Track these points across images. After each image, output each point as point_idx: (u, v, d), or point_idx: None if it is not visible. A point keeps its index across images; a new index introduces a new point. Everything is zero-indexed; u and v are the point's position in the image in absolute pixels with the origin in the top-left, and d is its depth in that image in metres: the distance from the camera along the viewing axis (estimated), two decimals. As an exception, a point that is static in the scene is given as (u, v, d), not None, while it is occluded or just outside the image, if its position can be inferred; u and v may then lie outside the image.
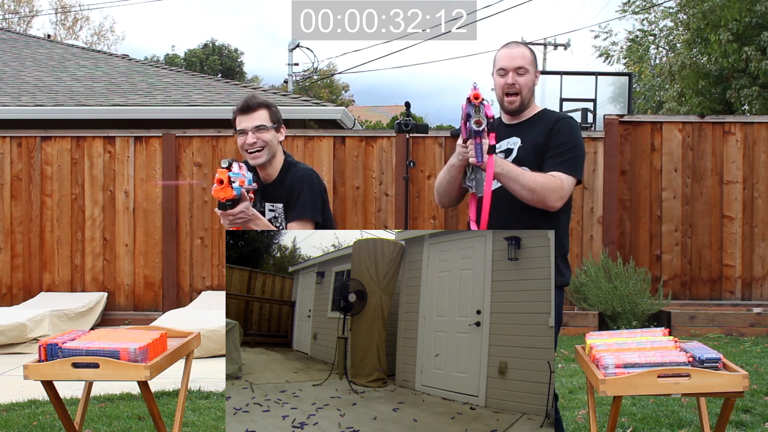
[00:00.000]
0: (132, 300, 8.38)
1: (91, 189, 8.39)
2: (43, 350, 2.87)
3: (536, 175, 2.90)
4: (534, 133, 3.01)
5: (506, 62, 3.01)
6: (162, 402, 4.69)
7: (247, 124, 3.15)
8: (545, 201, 2.90)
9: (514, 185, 2.89)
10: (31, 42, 14.34)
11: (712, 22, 13.18)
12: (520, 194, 2.90)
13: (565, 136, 2.97)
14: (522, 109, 3.05)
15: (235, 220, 2.93)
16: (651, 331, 2.99)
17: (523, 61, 3.00)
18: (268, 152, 3.17)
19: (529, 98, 3.04)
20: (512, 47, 3.06)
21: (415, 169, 7.98)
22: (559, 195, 2.92)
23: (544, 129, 3.00)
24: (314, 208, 3.18)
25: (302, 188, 3.16)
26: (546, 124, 3.01)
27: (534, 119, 3.06)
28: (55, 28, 31.09)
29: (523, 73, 3.00)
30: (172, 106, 9.76)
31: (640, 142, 8.08)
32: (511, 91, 3.01)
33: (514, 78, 3.00)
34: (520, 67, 2.99)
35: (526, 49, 3.06)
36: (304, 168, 3.25)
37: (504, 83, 3.01)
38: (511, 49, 3.05)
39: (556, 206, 2.93)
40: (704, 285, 8.03)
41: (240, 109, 3.18)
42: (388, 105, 45.55)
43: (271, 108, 3.21)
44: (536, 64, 3.07)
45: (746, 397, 4.48)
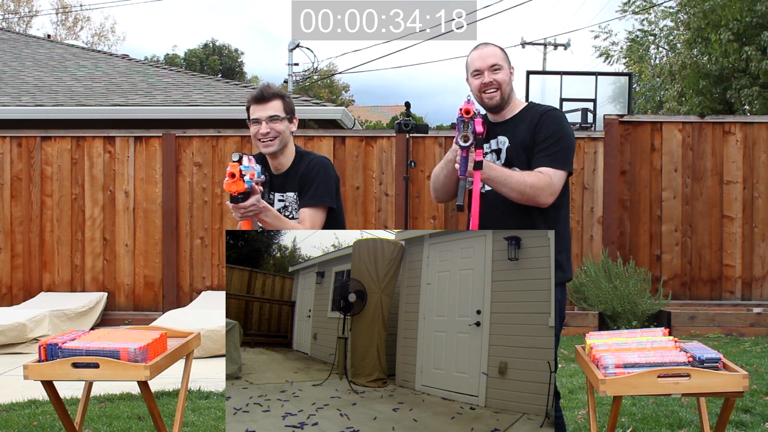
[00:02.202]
0: (132, 300, 8.38)
1: (91, 189, 8.39)
2: (43, 350, 2.87)
3: (524, 175, 2.89)
4: (521, 129, 3.00)
5: (479, 63, 3.01)
6: (162, 402, 4.69)
7: (261, 113, 3.17)
8: (536, 199, 2.90)
9: (503, 188, 2.89)
10: (31, 42, 14.35)
11: (713, 22, 13.18)
12: (510, 196, 2.90)
13: (550, 129, 2.96)
14: (503, 104, 3.03)
15: (246, 213, 2.92)
16: (651, 331, 2.99)
17: (495, 58, 3.00)
18: (280, 142, 3.19)
19: (509, 93, 3.04)
20: (482, 48, 3.06)
21: (415, 169, 7.98)
22: (550, 192, 2.91)
23: (530, 125, 2.99)
24: (330, 194, 3.19)
25: (317, 175, 3.17)
26: (531, 119, 3.00)
27: (519, 116, 3.05)
28: (56, 28, 31.11)
29: (497, 70, 2.99)
30: (172, 106, 9.76)
31: (640, 142, 8.08)
32: (489, 89, 3.00)
33: (490, 76, 2.99)
34: (493, 65, 2.99)
35: (496, 48, 3.05)
36: (319, 156, 3.27)
37: (480, 83, 3.01)
38: (481, 50, 3.05)
39: (547, 203, 2.92)
40: (704, 285, 8.03)
41: (254, 99, 3.20)
42: (388, 105, 45.52)
43: (285, 99, 3.24)
44: (509, 60, 3.06)
45: (746, 397, 4.48)
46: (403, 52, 69.39)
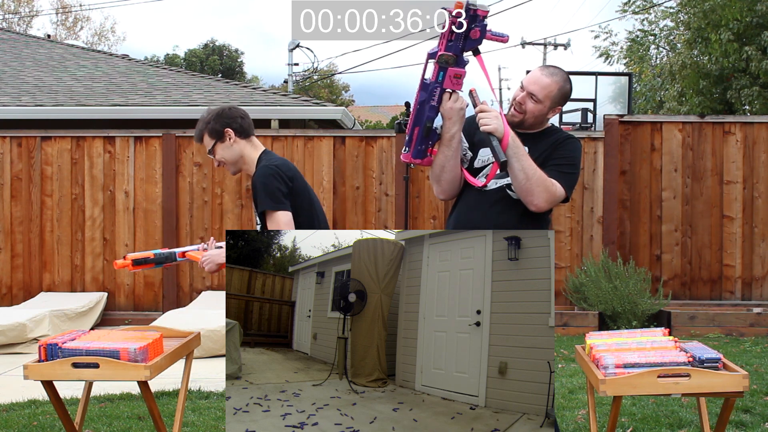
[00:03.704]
0: (132, 300, 8.38)
1: (91, 189, 8.39)
2: (43, 350, 2.87)
3: (537, 167, 2.89)
4: (542, 144, 3.01)
5: (527, 81, 2.99)
6: (162, 402, 4.69)
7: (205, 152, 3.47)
8: (532, 195, 2.88)
9: (516, 163, 2.84)
10: (31, 42, 14.34)
11: (713, 22, 13.17)
12: (517, 176, 2.86)
13: (569, 153, 3.00)
14: (522, 126, 3.02)
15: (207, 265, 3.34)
16: (651, 331, 2.99)
17: (538, 89, 2.95)
18: (233, 166, 3.38)
19: (532, 124, 3.02)
20: (544, 72, 3.00)
21: (415, 169, 7.98)
22: (548, 195, 2.89)
23: (552, 144, 3.01)
24: (273, 199, 3.16)
25: (256, 187, 3.22)
26: (555, 139, 3.03)
27: (543, 134, 3.05)
28: (56, 28, 31.11)
29: (536, 101, 2.96)
30: (172, 106, 9.76)
31: (640, 142, 8.08)
32: (518, 109, 3.00)
33: (524, 99, 2.98)
34: (533, 94, 2.96)
35: (552, 82, 2.96)
36: (261, 167, 3.25)
37: (515, 97, 3.02)
38: (540, 72, 3.00)
39: (540, 205, 2.90)
40: (704, 285, 8.03)
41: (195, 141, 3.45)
42: (388, 105, 45.55)
43: (209, 123, 3.33)
44: (558, 101, 2.99)
45: (746, 397, 4.48)
46: (403, 52, 69.39)
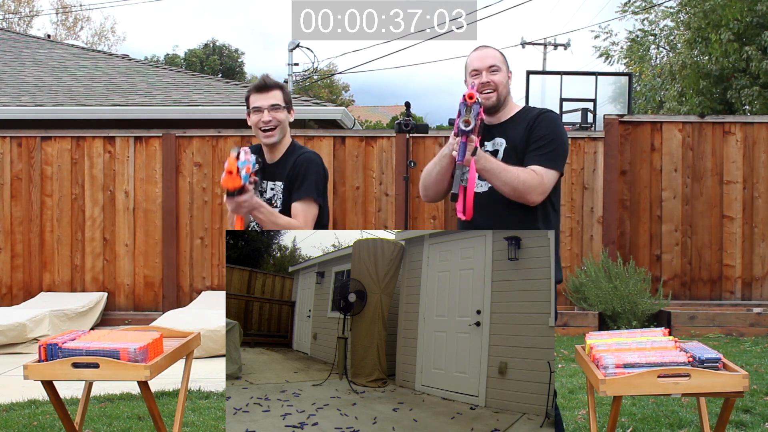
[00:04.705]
0: (132, 300, 8.38)
1: (91, 189, 8.39)
2: (43, 350, 2.87)
3: (518, 171, 2.91)
4: (517, 131, 3.03)
5: (478, 63, 3.04)
6: (162, 402, 4.69)
7: (262, 102, 3.21)
8: (526, 197, 2.92)
9: (497, 181, 2.91)
10: (31, 42, 14.34)
11: (713, 22, 13.17)
12: (502, 190, 2.93)
13: (544, 130, 2.99)
14: (499, 105, 3.05)
15: (239, 208, 2.97)
16: (651, 331, 2.99)
17: (493, 60, 3.04)
18: (281, 132, 3.24)
19: (505, 96, 3.07)
20: (482, 50, 3.10)
21: (415, 169, 7.96)
22: (540, 190, 2.93)
23: (525, 127, 3.02)
24: (318, 190, 3.21)
25: (308, 170, 3.19)
26: (527, 121, 3.03)
27: (515, 118, 3.07)
28: (56, 28, 31.11)
29: (496, 71, 3.03)
30: (172, 106, 9.77)
31: (640, 142, 8.07)
32: (486, 89, 3.02)
33: (488, 77, 3.02)
34: (492, 66, 3.03)
35: (494, 50, 3.10)
36: (310, 151, 3.30)
37: (478, 83, 3.03)
38: (480, 51, 3.09)
39: (536, 201, 2.95)
40: (704, 285, 8.03)
41: (256, 88, 3.26)
42: (388, 105, 45.54)
43: (285, 89, 3.29)
44: (507, 64, 3.10)
45: (746, 397, 4.48)
46: (403, 52, 69.45)
